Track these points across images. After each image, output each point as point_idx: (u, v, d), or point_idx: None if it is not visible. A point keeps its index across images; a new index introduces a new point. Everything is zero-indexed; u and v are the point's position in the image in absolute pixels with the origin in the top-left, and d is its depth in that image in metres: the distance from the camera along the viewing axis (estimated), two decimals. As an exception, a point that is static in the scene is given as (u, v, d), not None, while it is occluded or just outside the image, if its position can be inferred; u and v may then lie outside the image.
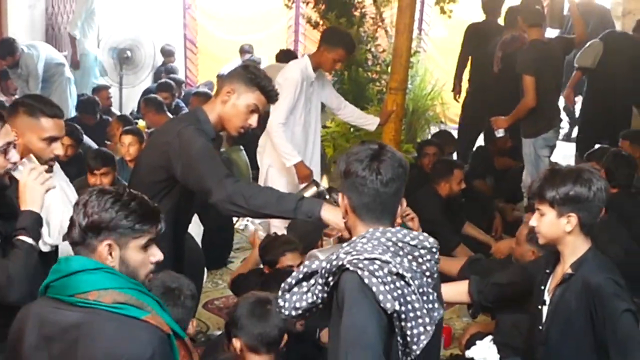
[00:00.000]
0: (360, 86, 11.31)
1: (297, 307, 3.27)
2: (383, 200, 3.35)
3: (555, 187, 4.08)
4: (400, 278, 3.15)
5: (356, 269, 3.12)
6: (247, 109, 4.85)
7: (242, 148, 9.93)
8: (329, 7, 11.43)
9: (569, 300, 4.11)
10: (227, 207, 4.58)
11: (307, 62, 7.60)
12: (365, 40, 11.70)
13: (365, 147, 3.43)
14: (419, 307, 3.17)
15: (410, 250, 3.26)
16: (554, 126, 8.86)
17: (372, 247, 3.20)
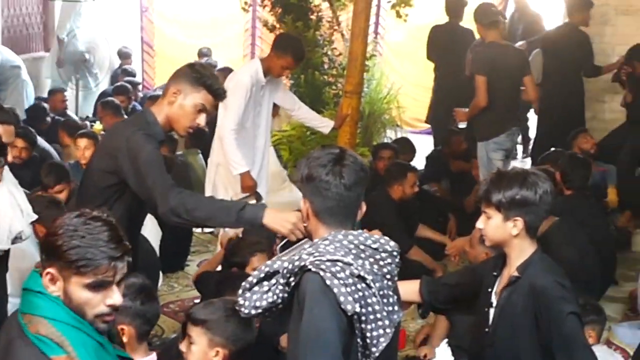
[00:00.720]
0: (317, 89, 11.35)
1: (257, 306, 3.27)
2: (346, 204, 3.38)
3: (501, 190, 4.08)
4: (361, 280, 3.18)
5: (318, 270, 3.14)
6: (194, 109, 4.78)
7: (199, 151, 9.93)
8: (286, 10, 11.48)
9: (516, 302, 4.11)
10: (171, 219, 4.53)
11: (258, 66, 7.59)
12: (321, 43, 11.76)
13: (326, 151, 3.44)
14: (379, 310, 3.20)
15: (371, 253, 3.28)
16: (507, 130, 8.88)
17: (334, 249, 3.22)
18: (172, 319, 7.18)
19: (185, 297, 7.60)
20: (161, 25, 17.04)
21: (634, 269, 8.62)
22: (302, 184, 3.45)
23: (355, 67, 7.84)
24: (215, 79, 4.86)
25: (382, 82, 12.92)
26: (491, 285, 4.28)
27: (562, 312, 4.01)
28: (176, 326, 6.86)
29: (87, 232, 2.93)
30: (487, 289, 4.29)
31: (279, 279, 3.25)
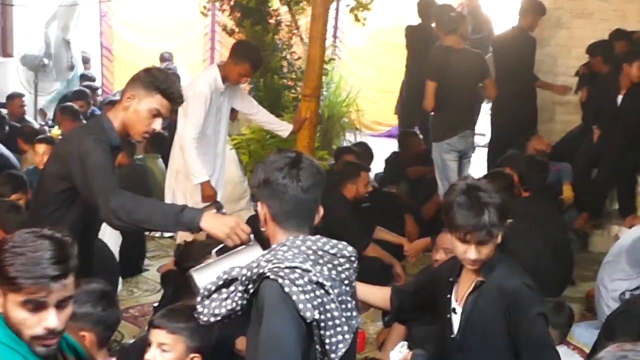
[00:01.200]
0: (276, 93, 11.36)
1: (217, 314, 3.26)
2: (304, 207, 3.39)
3: (499, 219, 4.07)
4: (320, 287, 3.18)
5: (277, 277, 3.13)
6: (149, 114, 4.70)
7: (159, 156, 9.92)
8: (245, 15, 11.48)
9: (483, 306, 4.13)
10: (113, 222, 4.45)
11: (217, 73, 7.58)
12: (280, 47, 11.78)
13: (282, 155, 3.45)
14: (338, 316, 3.20)
15: (329, 259, 3.29)
16: (460, 132, 8.94)
17: (292, 256, 3.22)
18: (132, 324, 7.17)
19: (145, 302, 7.59)
20: (120, 30, 17.02)
21: (591, 269, 8.71)
22: (258, 188, 3.44)
23: (313, 71, 7.86)
24: (170, 83, 4.78)
25: (341, 86, 12.97)
26: (448, 291, 4.29)
27: (531, 313, 4.04)
28: (136, 331, 6.85)
29: (29, 250, 2.85)
30: (445, 295, 4.30)
31: (237, 286, 3.24)
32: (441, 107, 8.85)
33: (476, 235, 3.99)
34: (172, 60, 15.17)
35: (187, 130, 7.41)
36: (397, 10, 14.41)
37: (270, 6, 11.87)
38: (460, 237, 4.03)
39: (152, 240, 9.02)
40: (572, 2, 11.29)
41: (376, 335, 7.11)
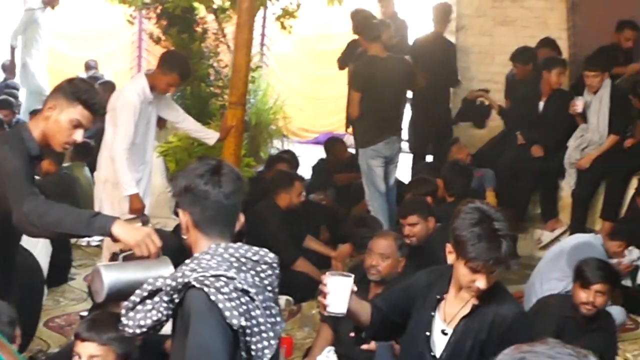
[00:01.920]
0: (203, 101, 11.35)
1: (142, 325, 3.25)
2: (226, 213, 3.41)
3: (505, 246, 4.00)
4: (245, 294, 3.19)
5: (202, 286, 3.13)
6: (69, 124, 4.62)
7: (85, 164, 9.87)
8: (171, 23, 11.45)
9: (476, 330, 4.11)
10: (26, 228, 4.41)
11: (144, 83, 7.56)
12: (207, 55, 11.76)
13: (203, 162, 3.47)
14: (264, 322, 3.23)
15: (252, 266, 3.31)
16: (385, 138, 9.00)
17: (216, 264, 3.23)
18: (58, 334, 7.12)
19: (71, 311, 7.55)
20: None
21: (515, 273, 8.86)
22: (180, 195, 3.45)
23: (239, 79, 7.89)
24: (92, 94, 4.71)
25: (269, 93, 12.99)
26: (432, 308, 4.25)
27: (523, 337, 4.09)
28: (62, 340, 6.81)
29: None
30: (428, 312, 4.26)
31: (162, 297, 3.23)
32: (366, 114, 8.91)
33: (494, 267, 3.96)
34: (97, 68, 15.07)
35: (118, 141, 7.38)
36: (323, 18, 14.50)
37: (197, 14, 11.84)
38: (474, 268, 3.95)
39: (78, 249, 8.97)
40: (494, 10, 11.48)
41: (303, 340, 7.16)
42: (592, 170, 9.38)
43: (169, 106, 8.08)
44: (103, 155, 7.70)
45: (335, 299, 3.85)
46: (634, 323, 7.79)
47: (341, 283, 3.87)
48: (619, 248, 7.56)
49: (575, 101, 9.43)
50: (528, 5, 11.42)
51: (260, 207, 8.36)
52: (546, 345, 2.01)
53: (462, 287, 4.09)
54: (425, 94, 10.15)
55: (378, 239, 6.30)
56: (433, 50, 10.76)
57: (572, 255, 7.20)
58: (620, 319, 7.25)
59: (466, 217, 3.99)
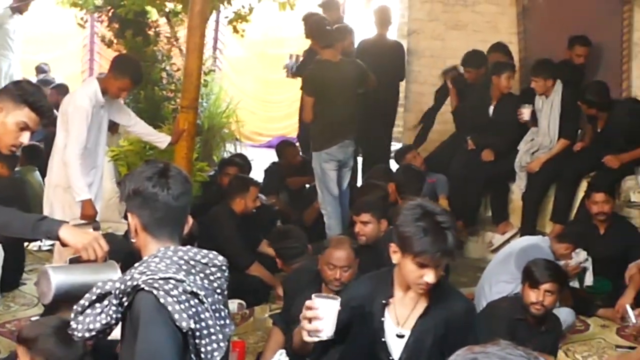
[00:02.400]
0: (156, 105, 11.33)
1: (91, 329, 3.24)
2: (175, 215, 3.42)
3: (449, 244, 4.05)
4: (194, 296, 3.19)
5: (151, 288, 3.13)
6: (16, 127, 4.57)
7: (35, 168, 9.80)
8: (123, 26, 11.43)
9: (432, 328, 4.20)
10: None
11: (96, 87, 7.54)
12: (160, 59, 11.74)
13: (151, 165, 3.48)
14: (213, 324, 3.23)
15: (202, 269, 3.32)
16: (339, 142, 9.02)
17: (165, 266, 3.22)
18: (8, 339, 7.06)
19: (22, 317, 7.49)
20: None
21: (466, 275, 8.95)
22: (128, 199, 3.45)
23: (191, 82, 7.88)
24: (39, 96, 4.68)
25: (221, 97, 12.98)
26: (381, 314, 4.27)
27: (477, 331, 4.22)
28: (12, 346, 6.73)
29: None
30: (377, 318, 4.28)
31: (111, 300, 3.22)
32: (320, 118, 8.92)
33: (441, 259, 4.00)
34: (49, 72, 14.98)
35: (71, 146, 7.34)
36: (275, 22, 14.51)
37: (149, 17, 11.83)
38: (422, 262, 3.98)
39: (29, 254, 8.90)
40: (446, 14, 11.56)
41: (255, 344, 7.17)
42: (542, 174, 9.47)
43: (121, 110, 8.05)
44: (54, 159, 7.64)
45: (327, 323, 3.82)
46: (584, 324, 7.87)
47: (331, 306, 3.83)
48: (567, 250, 7.64)
49: (521, 109, 9.55)
50: (479, 10, 11.51)
51: (214, 211, 8.35)
52: (498, 346, 2.04)
53: (411, 284, 4.12)
54: (373, 94, 10.20)
55: (336, 252, 6.20)
56: (378, 52, 10.88)
57: (520, 257, 7.27)
58: (569, 320, 7.34)
59: (409, 213, 4.03)
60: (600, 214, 8.28)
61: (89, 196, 7.37)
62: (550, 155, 9.46)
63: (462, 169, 9.97)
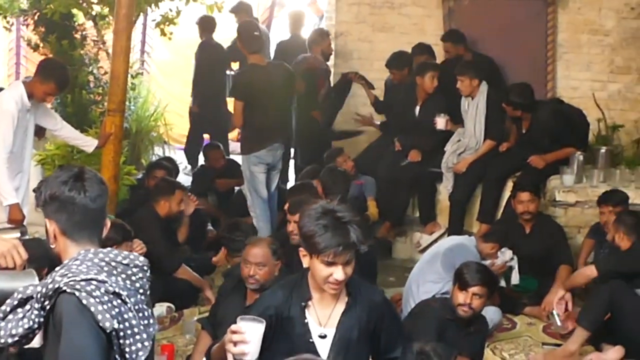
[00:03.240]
0: (83, 108, 11.25)
1: (14, 334, 3.20)
2: (93, 217, 3.43)
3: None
4: (117, 297, 3.19)
5: (73, 290, 3.12)
6: None
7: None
8: (49, 29, 11.33)
9: (355, 324, 4.26)
10: None
11: (22, 90, 7.50)
12: (87, 62, 11.66)
13: (65, 170, 3.48)
14: (136, 324, 3.24)
15: (123, 269, 3.32)
16: (267, 145, 9.00)
17: (87, 268, 3.22)
18: None
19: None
20: None
21: (394, 276, 9.02)
22: (45, 205, 3.44)
23: (117, 86, 7.87)
24: None
25: (149, 100, 12.93)
26: (302, 317, 4.30)
27: (398, 316, 4.43)
28: None
29: None
30: (299, 321, 4.30)
31: (33, 304, 3.20)
32: (249, 122, 8.90)
33: (345, 255, 4.04)
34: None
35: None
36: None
37: (76, 21, 11.74)
38: (328, 260, 4.03)
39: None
40: (373, 17, 11.63)
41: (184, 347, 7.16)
42: (468, 174, 9.59)
43: (47, 114, 8.01)
44: None
45: (253, 346, 3.84)
46: (510, 322, 7.97)
47: (257, 330, 3.85)
48: (492, 250, 7.73)
49: (436, 118, 9.70)
50: (406, 12, 11.60)
51: (139, 214, 8.32)
52: None
53: (322, 285, 4.17)
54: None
55: (252, 248, 6.33)
56: (293, 52, 11.09)
57: (446, 257, 7.37)
58: (496, 319, 7.43)
59: (310, 213, 4.13)
60: (526, 213, 8.39)
61: (16, 200, 7.32)
62: (477, 156, 9.58)
63: (389, 170, 10.04)
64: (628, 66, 10.73)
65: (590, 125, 10.12)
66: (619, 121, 10.60)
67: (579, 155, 9.19)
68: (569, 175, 9.07)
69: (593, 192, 8.94)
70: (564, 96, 10.58)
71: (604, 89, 10.83)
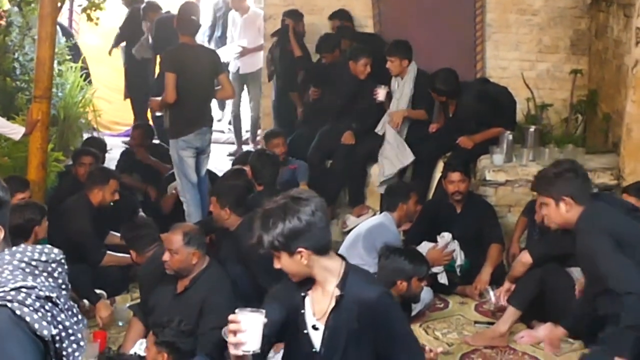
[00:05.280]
0: (9, 96, 11.11)
1: None
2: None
3: (269, 232, 4.08)
4: (47, 300, 3.06)
5: (5, 302, 2.96)
6: None
7: None
8: (-28, 17, 11.17)
9: (345, 321, 4.17)
10: None
11: None
12: (12, 49, 11.51)
13: None
14: (70, 325, 3.12)
15: (44, 267, 3.17)
16: (196, 129, 9.02)
17: (11, 274, 3.06)
18: None
19: None
20: None
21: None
22: None
23: (43, 72, 7.80)
24: None
25: (77, 86, 12.79)
26: (301, 306, 4.28)
27: (394, 319, 4.16)
28: None
29: None
30: (298, 311, 4.30)
31: None
32: (177, 104, 8.87)
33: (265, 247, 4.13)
34: None
35: None
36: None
37: (1, 7, 11.59)
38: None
39: None
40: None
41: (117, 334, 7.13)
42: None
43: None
44: None
45: (251, 336, 3.78)
46: (443, 302, 8.02)
47: (255, 320, 3.81)
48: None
49: (377, 89, 9.70)
50: (334, -6, 11.59)
51: (70, 201, 8.22)
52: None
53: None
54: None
55: (168, 235, 6.44)
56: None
57: (366, 238, 7.45)
58: (428, 298, 7.49)
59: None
60: (457, 194, 8.42)
61: None
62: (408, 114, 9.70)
63: (322, 153, 10.08)
64: (556, 45, 10.80)
65: (520, 104, 10.23)
66: (548, 100, 10.67)
67: (509, 135, 9.25)
68: (499, 154, 9.13)
69: (523, 171, 9.01)
70: (493, 76, 10.63)
71: (533, 69, 10.89)
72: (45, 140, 8.00)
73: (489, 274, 8.01)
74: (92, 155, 9.33)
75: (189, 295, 6.29)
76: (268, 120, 12.05)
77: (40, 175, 8.03)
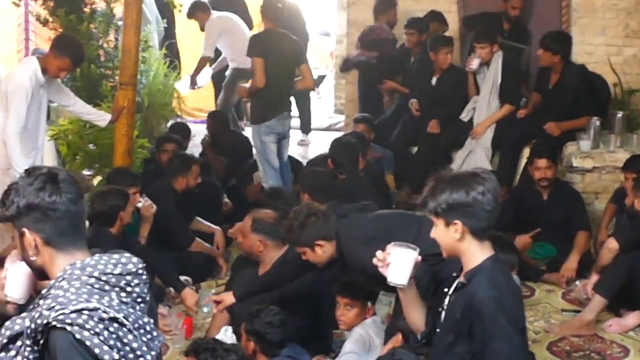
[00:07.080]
0: (94, 83, 11.19)
1: None
2: (76, 220, 3.22)
3: (435, 196, 4.06)
4: (112, 321, 2.98)
5: (64, 325, 2.91)
6: None
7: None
8: (58, 4, 11.25)
9: (456, 309, 4.11)
10: None
11: (36, 66, 7.48)
12: (96, 36, 11.60)
13: (34, 175, 3.21)
14: (138, 347, 3.03)
15: (116, 281, 3.09)
16: (278, 114, 9.06)
17: (75, 294, 2.99)
18: None
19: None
20: None
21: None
22: (19, 217, 3.19)
23: (129, 59, 7.85)
24: None
25: (161, 73, 12.84)
26: (449, 286, 4.25)
27: (490, 328, 3.99)
28: None
29: None
30: (443, 289, 4.30)
31: (25, 341, 2.99)
32: (261, 90, 8.90)
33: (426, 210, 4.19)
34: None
35: (11, 125, 7.35)
36: None
37: (85, -5, 11.69)
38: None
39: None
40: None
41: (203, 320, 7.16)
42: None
43: (60, 90, 7.99)
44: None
45: (396, 270, 4.02)
46: (529, 290, 7.92)
47: (403, 255, 3.99)
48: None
49: (472, 58, 9.60)
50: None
51: (154, 188, 8.27)
52: None
53: None
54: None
55: (248, 219, 6.51)
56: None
57: None
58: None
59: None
60: (543, 180, 8.31)
61: None
62: (494, 119, 9.56)
63: (406, 139, 10.16)
64: (643, 30, 10.63)
65: (608, 91, 10.07)
66: (635, 86, 10.48)
67: (596, 121, 9.10)
68: (586, 141, 9.00)
69: (610, 157, 8.89)
70: (579, 61, 10.46)
71: (619, 54, 10.70)
72: (131, 127, 8.06)
73: (576, 261, 7.89)
74: (175, 142, 9.39)
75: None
76: (352, 107, 12.02)
77: (126, 162, 8.10)
